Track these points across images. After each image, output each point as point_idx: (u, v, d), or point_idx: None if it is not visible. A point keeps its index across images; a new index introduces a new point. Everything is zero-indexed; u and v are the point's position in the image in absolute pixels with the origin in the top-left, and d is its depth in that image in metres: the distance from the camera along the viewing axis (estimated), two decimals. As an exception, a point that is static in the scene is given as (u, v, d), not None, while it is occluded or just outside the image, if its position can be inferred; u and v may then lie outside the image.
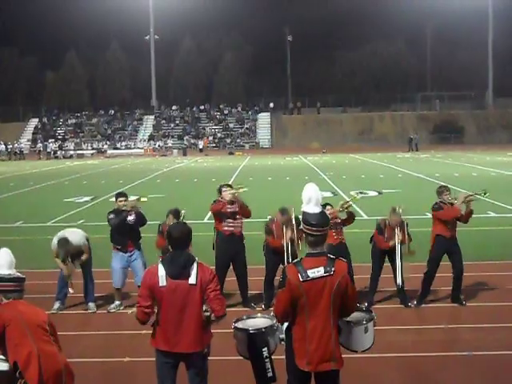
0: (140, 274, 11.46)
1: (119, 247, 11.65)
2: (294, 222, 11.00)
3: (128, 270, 11.77)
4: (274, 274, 11.24)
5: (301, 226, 6.25)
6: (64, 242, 11.25)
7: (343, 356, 6.13)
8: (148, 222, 12.02)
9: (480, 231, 18.42)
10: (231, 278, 11.75)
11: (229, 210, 11.48)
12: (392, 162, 49.73)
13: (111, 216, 11.62)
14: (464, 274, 11.58)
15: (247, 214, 11.68)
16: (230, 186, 11.89)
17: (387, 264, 11.61)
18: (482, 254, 15.29)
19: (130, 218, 11.49)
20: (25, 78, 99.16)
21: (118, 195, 11.88)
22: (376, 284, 11.65)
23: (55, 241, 11.40)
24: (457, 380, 8.38)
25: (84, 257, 11.58)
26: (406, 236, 11.38)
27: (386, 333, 9.50)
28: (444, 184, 11.90)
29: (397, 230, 11.32)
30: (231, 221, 11.55)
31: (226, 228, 11.57)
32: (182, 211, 11.64)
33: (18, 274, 6.43)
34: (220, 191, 11.75)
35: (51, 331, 6.33)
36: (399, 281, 11.37)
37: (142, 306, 6.42)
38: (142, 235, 11.89)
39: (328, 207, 11.19)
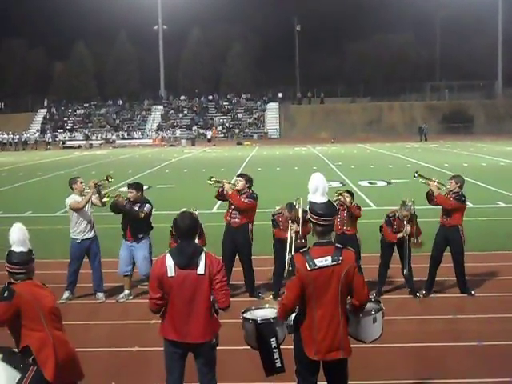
0: (140, 265, 11.50)
1: (122, 233, 11.69)
2: (300, 216, 10.81)
3: (133, 259, 11.74)
4: (284, 265, 11.21)
5: (308, 216, 6.25)
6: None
7: (351, 346, 6.14)
8: (157, 212, 12.02)
9: (489, 221, 18.40)
10: (240, 268, 11.75)
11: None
12: (401, 151, 49.60)
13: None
14: (471, 264, 11.58)
15: (237, 205, 11.54)
16: (240, 175, 11.90)
17: (396, 253, 11.60)
18: (490, 244, 15.26)
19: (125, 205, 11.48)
20: (33, 69, 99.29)
21: (128, 186, 11.83)
22: (385, 274, 11.63)
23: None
24: (465, 370, 8.37)
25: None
26: (415, 228, 11.33)
27: (395, 323, 9.50)
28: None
29: (405, 223, 11.27)
30: (230, 210, 11.71)
31: (227, 217, 11.76)
32: (196, 212, 11.42)
33: (31, 254, 6.39)
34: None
35: (59, 316, 6.37)
36: (406, 272, 11.39)
37: (154, 297, 6.44)
38: (151, 226, 11.84)
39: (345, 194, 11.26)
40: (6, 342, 6.24)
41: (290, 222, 10.95)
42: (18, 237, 6.43)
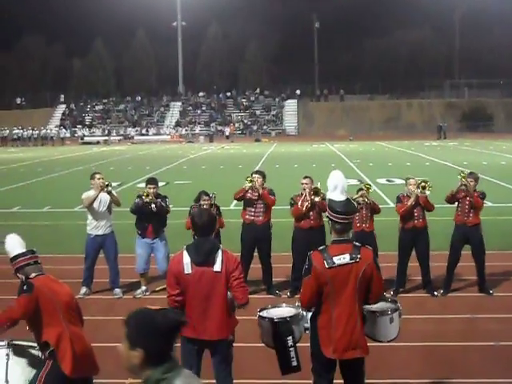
0: (161, 262, 11.53)
1: (139, 232, 11.71)
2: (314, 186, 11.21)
3: (150, 256, 11.80)
4: (303, 262, 11.13)
5: (326, 213, 6.23)
6: None
7: (368, 344, 6.11)
8: (174, 209, 12.03)
9: (506, 220, 18.25)
10: (257, 265, 11.75)
11: (248, 196, 11.51)
12: (419, 149, 49.38)
13: (137, 200, 11.61)
14: (490, 263, 11.51)
15: (270, 202, 11.61)
16: (259, 172, 11.83)
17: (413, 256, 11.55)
18: (508, 244, 15.13)
19: (153, 205, 11.46)
20: (52, 66, 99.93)
21: (148, 181, 11.85)
22: (404, 274, 11.54)
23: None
24: (482, 370, 8.32)
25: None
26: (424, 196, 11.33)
27: (412, 322, 9.45)
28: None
29: (414, 190, 11.32)
30: (251, 209, 11.57)
31: (247, 216, 11.62)
32: (213, 194, 11.56)
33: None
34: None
35: (77, 311, 6.42)
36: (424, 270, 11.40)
37: (172, 294, 6.44)
38: (167, 222, 11.89)
39: (361, 192, 11.28)
40: (20, 336, 6.27)
41: (306, 191, 11.20)
42: (19, 241, 6.53)
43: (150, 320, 3.45)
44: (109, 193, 11.55)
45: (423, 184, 11.28)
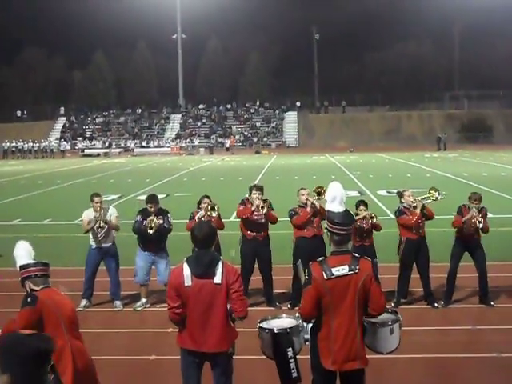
0: (162, 274, 11.55)
1: (141, 246, 11.74)
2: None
3: (151, 268, 11.82)
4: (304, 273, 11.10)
5: (325, 225, 6.23)
6: None
7: (368, 356, 6.09)
8: (175, 221, 12.02)
9: (507, 232, 18.23)
10: (257, 277, 11.74)
11: (254, 218, 11.49)
12: (420, 161, 49.41)
13: (138, 218, 11.59)
14: (491, 274, 11.49)
15: (274, 221, 11.68)
16: (260, 188, 11.78)
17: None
18: (509, 255, 15.11)
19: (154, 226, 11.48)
20: (53, 78, 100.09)
21: (148, 200, 11.77)
22: (405, 284, 11.51)
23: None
24: (483, 382, 8.29)
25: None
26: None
27: (413, 333, 9.43)
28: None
29: (415, 201, 11.30)
30: (254, 227, 11.56)
31: (248, 232, 11.60)
32: (216, 206, 11.57)
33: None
34: (250, 192, 11.71)
35: (78, 325, 6.41)
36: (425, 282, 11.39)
37: (172, 307, 6.41)
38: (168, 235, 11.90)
39: (361, 207, 11.27)
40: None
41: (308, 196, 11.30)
42: (27, 249, 6.52)
43: (15, 346, 3.46)
44: (105, 222, 11.59)
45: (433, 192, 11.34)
